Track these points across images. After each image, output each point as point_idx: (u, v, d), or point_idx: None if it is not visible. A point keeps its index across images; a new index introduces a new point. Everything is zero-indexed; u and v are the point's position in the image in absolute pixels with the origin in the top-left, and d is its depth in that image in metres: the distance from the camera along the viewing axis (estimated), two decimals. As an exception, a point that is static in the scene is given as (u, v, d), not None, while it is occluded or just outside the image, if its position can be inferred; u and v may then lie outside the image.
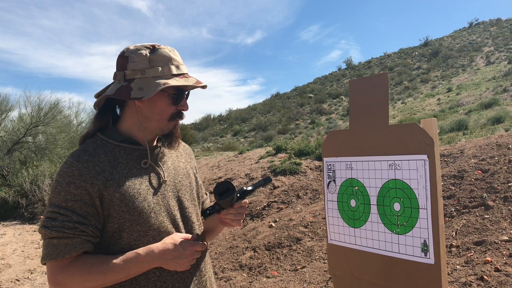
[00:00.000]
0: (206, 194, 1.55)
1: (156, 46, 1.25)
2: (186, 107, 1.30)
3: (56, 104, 13.62)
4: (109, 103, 1.30)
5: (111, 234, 1.17)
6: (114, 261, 1.11)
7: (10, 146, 12.47)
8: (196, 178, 1.45)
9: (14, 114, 13.82)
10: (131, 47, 1.25)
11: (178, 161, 1.38)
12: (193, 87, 1.29)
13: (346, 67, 51.60)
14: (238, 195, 1.29)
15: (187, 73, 1.28)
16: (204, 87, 1.31)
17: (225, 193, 1.25)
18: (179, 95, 1.25)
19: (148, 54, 1.23)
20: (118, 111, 1.33)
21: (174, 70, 1.23)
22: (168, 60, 1.24)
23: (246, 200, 1.32)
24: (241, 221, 1.34)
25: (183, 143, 1.51)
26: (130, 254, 1.14)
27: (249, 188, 1.32)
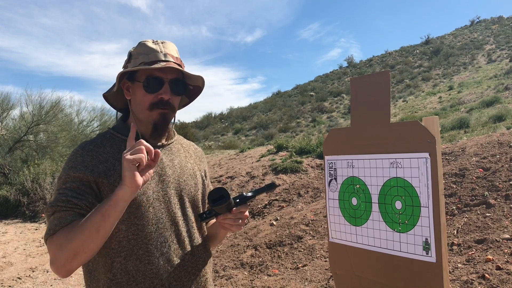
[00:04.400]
0: None
1: (142, 41, 1.26)
2: (165, 95, 1.23)
3: (57, 102, 13.65)
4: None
5: None
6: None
7: (12, 144, 12.49)
8: (203, 181, 1.43)
9: (15, 112, 13.87)
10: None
11: (186, 161, 1.38)
12: (162, 70, 1.20)
13: (347, 65, 51.54)
14: (238, 200, 1.25)
15: (163, 60, 1.21)
16: (199, 78, 1.28)
17: (219, 200, 1.21)
18: (149, 81, 1.21)
19: (131, 50, 1.25)
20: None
21: (146, 59, 1.21)
22: (143, 51, 1.23)
23: (247, 206, 1.28)
24: (241, 226, 1.30)
25: (196, 146, 1.52)
26: None
27: (249, 194, 1.28)
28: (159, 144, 1.32)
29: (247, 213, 1.29)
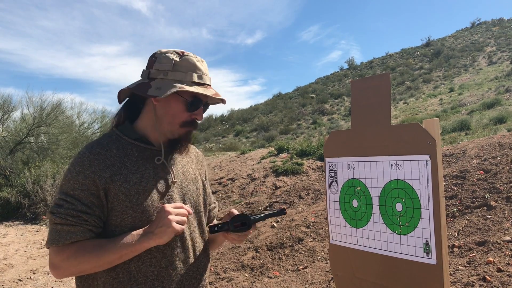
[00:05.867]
0: (214, 202, 1.56)
1: (185, 53, 1.28)
2: (200, 117, 1.29)
3: (58, 104, 13.66)
4: (133, 100, 1.34)
5: (113, 227, 1.18)
6: (108, 244, 1.13)
7: (13, 146, 12.51)
8: (204, 185, 1.46)
9: (16, 114, 13.89)
10: (163, 50, 1.29)
11: (188, 166, 1.39)
12: (208, 97, 1.28)
13: (348, 67, 51.53)
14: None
15: (209, 85, 1.29)
16: (222, 101, 1.33)
17: (241, 226, 1.30)
18: (194, 102, 1.26)
19: (175, 59, 1.25)
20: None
21: (195, 78, 1.24)
22: (192, 68, 1.25)
23: (255, 227, 1.35)
24: (243, 241, 1.36)
25: (197, 150, 1.53)
26: (123, 236, 1.15)
27: (261, 216, 1.35)
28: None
29: (251, 231, 1.36)
